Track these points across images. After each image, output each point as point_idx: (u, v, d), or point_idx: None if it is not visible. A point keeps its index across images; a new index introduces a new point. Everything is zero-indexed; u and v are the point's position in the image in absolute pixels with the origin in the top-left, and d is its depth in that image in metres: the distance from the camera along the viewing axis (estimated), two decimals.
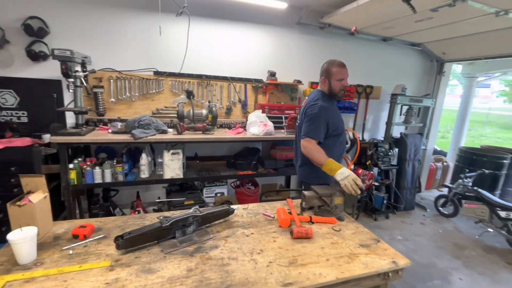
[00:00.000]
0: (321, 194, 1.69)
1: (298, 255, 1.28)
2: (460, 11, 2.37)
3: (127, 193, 3.05)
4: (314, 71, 3.52)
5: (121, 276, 1.09)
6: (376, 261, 1.27)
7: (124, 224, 1.50)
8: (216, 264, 1.19)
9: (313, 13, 3.21)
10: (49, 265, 1.13)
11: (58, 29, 2.51)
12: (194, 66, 2.97)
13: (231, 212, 1.60)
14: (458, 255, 2.68)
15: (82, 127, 2.35)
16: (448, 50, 3.82)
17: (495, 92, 18.43)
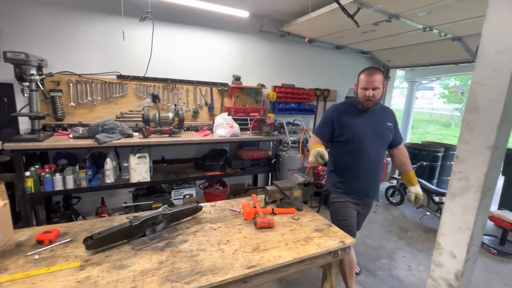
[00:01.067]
0: (282, 188, 1.88)
1: (261, 242, 1.44)
2: (397, 25, 2.76)
3: (90, 200, 2.95)
4: (276, 75, 3.77)
5: (92, 274, 1.14)
6: (327, 242, 1.48)
7: (92, 227, 1.53)
8: (186, 255, 1.29)
9: (273, 22, 3.44)
10: (14, 271, 1.14)
11: (10, 31, 2.38)
12: (159, 70, 3.00)
13: (199, 209, 1.71)
14: (402, 236, 3.08)
15: (39, 133, 2.25)
16: (391, 58, 4.34)
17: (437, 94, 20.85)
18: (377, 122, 1.81)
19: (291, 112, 3.85)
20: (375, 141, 1.80)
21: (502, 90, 0.76)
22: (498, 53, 0.77)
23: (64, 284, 1.07)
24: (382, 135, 1.81)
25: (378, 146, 1.82)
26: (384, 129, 1.82)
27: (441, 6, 2.19)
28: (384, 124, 1.82)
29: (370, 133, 1.79)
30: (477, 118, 0.83)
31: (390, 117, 1.86)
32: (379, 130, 1.80)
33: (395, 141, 1.89)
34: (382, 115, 1.84)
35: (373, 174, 1.85)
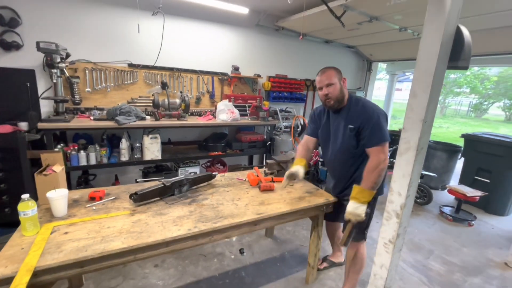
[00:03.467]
0: (279, 161, 2.30)
1: (265, 199, 1.86)
2: (377, 25, 3.18)
3: (104, 177, 3.27)
4: (271, 66, 4.14)
5: (141, 218, 1.52)
6: (316, 200, 1.92)
7: (128, 190, 1.89)
8: (209, 207, 1.70)
9: (270, 17, 3.77)
10: (82, 216, 1.50)
11: (31, 20, 2.59)
12: (167, 60, 3.29)
13: (213, 176, 2.11)
14: (377, 208, 3.61)
15: (64, 115, 2.53)
16: (374, 52, 4.78)
17: None
18: (337, 125, 1.73)
19: (283, 100, 4.24)
20: (333, 143, 1.77)
21: (428, 84, 1.19)
22: (428, 59, 1.19)
23: (123, 223, 1.45)
24: (342, 140, 1.70)
25: (335, 148, 1.75)
26: (340, 132, 1.70)
27: (411, 12, 2.61)
28: (344, 126, 1.68)
29: (329, 134, 1.79)
30: (415, 102, 1.26)
31: (354, 118, 1.63)
32: (338, 135, 1.72)
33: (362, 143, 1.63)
34: (345, 117, 1.68)
35: (336, 174, 1.86)
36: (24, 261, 1.09)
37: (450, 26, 1.15)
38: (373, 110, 1.61)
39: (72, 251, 1.18)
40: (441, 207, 3.58)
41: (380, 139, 1.58)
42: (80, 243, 1.24)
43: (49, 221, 1.43)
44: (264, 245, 2.57)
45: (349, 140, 1.67)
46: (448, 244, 2.85)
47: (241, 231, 1.63)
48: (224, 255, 2.38)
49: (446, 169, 4.32)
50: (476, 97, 18.00)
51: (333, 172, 1.94)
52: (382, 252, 1.47)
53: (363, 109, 1.63)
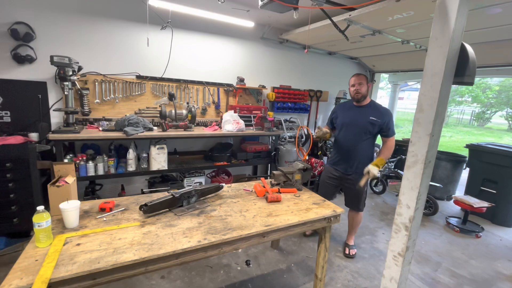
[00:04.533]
0: (285, 172, 2.32)
1: (272, 211, 1.87)
2: (380, 38, 3.25)
3: (111, 187, 3.30)
4: (275, 77, 4.22)
5: (151, 229, 1.54)
6: (323, 211, 1.93)
7: (137, 201, 1.91)
8: (217, 219, 1.71)
9: (274, 30, 3.87)
10: (93, 227, 1.52)
11: (45, 34, 2.68)
12: (174, 71, 3.36)
13: (220, 187, 2.13)
14: (383, 219, 3.60)
15: (74, 126, 2.59)
16: (376, 64, 4.86)
17: None
18: (361, 115, 2.39)
19: (288, 111, 4.29)
20: (354, 129, 2.41)
21: (435, 99, 1.22)
22: (433, 75, 1.23)
23: (133, 235, 1.47)
24: (361, 125, 2.37)
25: (356, 132, 2.40)
26: (365, 121, 2.36)
27: (414, 26, 2.68)
28: (366, 117, 2.36)
29: (351, 122, 2.43)
30: (422, 116, 1.29)
31: (377, 113, 2.35)
32: (360, 121, 2.38)
33: (383, 134, 2.38)
34: (368, 111, 2.38)
35: (349, 154, 2.46)
36: (39, 273, 1.11)
37: (454, 44, 1.19)
38: (390, 113, 2.41)
39: (85, 263, 1.20)
40: (447, 218, 3.56)
41: (393, 133, 2.37)
42: (92, 255, 1.26)
43: (61, 232, 1.45)
44: (270, 257, 2.56)
45: (367, 126, 2.36)
46: (455, 256, 2.82)
47: (249, 243, 1.64)
48: (231, 266, 2.37)
49: (451, 179, 4.30)
50: (479, 106, 18.02)
51: (348, 152, 2.48)
52: (391, 265, 1.47)
53: (385, 111, 2.39)
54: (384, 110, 2.39)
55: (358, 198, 2.56)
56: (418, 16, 2.41)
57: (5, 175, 2.31)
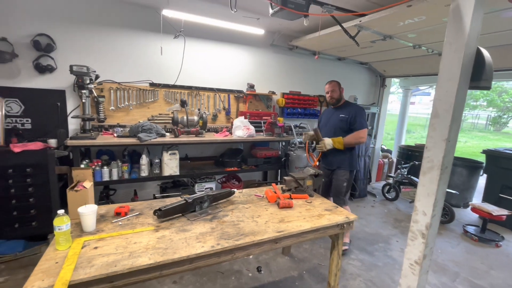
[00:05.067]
0: (297, 178, 2.31)
1: (284, 217, 1.87)
2: (391, 43, 3.23)
3: (124, 192, 3.36)
4: (285, 83, 4.24)
5: (165, 234, 1.56)
6: (335, 218, 1.91)
7: (150, 206, 1.95)
8: (230, 224, 1.72)
9: (284, 37, 3.91)
10: (109, 231, 1.56)
11: (65, 45, 2.81)
12: (186, 79, 3.44)
13: (232, 193, 2.14)
14: (396, 226, 3.51)
15: (91, 132, 2.67)
16: (387, 69, 4.81)
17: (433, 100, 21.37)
18: (334, 115, 2.73)
19: (297, 116, 4.30)
20: (329, 128, 2.73)
21: (451, 104, 1.21)
22: (448, 80, 1.22)
23: (148, 239, 1.49)
24: (334, 124, 2.69)
25: (330, 131, 2.70)
26: (336, 120, 2.67)
27: (425, 30, 2.66)
28: (337, 116, 2.67)
29: (327, 123, 2.78)
30: (437, 121, 1.27)
31: (346, 111, 2.65)
32: (332, 121, 2.72)
33: (352, 127, 2.61)
34: (340, 111, 2.70)
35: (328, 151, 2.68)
36: (59, 275, 1.14)
37: (470, 48, 1.18)
38: (359, 108, 2.67)
39: (102, 266, 1.22)
40: (464, 226, 3.44)
41: (360, 125, 2.58)
42: (109, 258, 1.29)
43: (79, 235, 1.49)
44: (282, 263, 2.54)
45: (339, 123, 2.66)
46: (474, 266, 2.72)
47: (262, 249, 1.64)
48: (242, 272, 2.37)
49: (467, 186, 4.17)
50: (494, 110, 17.48)
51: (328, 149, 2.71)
52: (408, 274, 1.44)
53: (353, 107, 2.68)
54: (352, 107, 2.68)
55: (338, 190, 2.74)
56: (430, 20, 2.39)
57: (26, 179, 2.40)
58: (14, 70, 2.68)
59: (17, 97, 2.72)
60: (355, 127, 2.59)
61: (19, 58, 2.65)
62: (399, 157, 5.10)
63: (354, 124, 2.59)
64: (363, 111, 2.66)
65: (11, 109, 2.71)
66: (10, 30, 2.59)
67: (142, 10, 3.09)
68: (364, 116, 2.63)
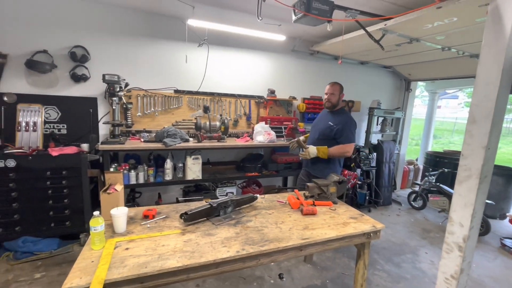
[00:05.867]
0: (320, 184, 2.28)
1: (308, 224, 1.84)
2: (417, 46, 3.12)
3: (149, 195, 3.48)
4: (306, 88, 4.22)
5: (192, 238, 1.59)
6: (361, 226, 1.85)
7: (176, 209, 2.00)
8: (254, 230, 1.72)
9: (305, 42, 3.91)
10: (138, 233, 1.61)
11: (97, 55, 3.00)
12: (208, 85, 3.53)
13: (255, 198, 2.15)
14: (425, 236, 3.34)
15: (119, 137, 2.81)
16: (412, 72, 4.65)
17: (461, 103, 20.29)
18: (324, 119, 2.59)
19: None
20: (315, 131, 2.63)
21: (490, 109, 1.15)
22: (487, 84, 1.16)
23: (175, 242, 1.53)
24: (321, 128, 2.56)
25: (316, 135, 2.59)
26: (324, 125, 2.54)
27: (456, 32, 2.54)
28: (327, 121, 2.54)
29: (315, 125, 2.67)
30: (475, 127, 1.21)
31: (336, 119, 2.50)
32: (320, 125, 2.59)
33: (338, 140, 2.47)
34: (331, 117, 2.54)
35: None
36: (95, 274, 1.20)
37: (511, 51, 1.11)
38: (349, 121, 2.49)
39: (134, 267, 1.27)
40: (502, 239, 3.19)
41: (347, 139, 2.45)
42: (140, 259, 1.33)
43: (111, 236, 1.56)
44: (304, 271, 2.49)
45: (325, 130, 2.52)
46: None
47: (287, 256, 1.62)
48: (263, 279, 2.35)
49: (504, 195, 3.89)
50: None
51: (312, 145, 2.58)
52: None
53: (344, 118, 2.51)
54: (344, 117, 2.51)
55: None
56: (461, 21, 2.29)
57: (61, 181, 2.56)
58: (53, 79, 2.89)
59: (55, 104, 2.92)
60: (341, 140, 2.45)
61: (58, 68, 2.86)
62: (426, 164, 4.86)
63: (341, 137, 2.45)
64: (353, 124, 2.50)
65: (49, 115, 2.92)
66: (50, 43, 2.80)
67: (169, 21, 3.23)
68: (353, 130, 2.48)
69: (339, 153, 2.44)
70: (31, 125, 2.78)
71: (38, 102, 2.76)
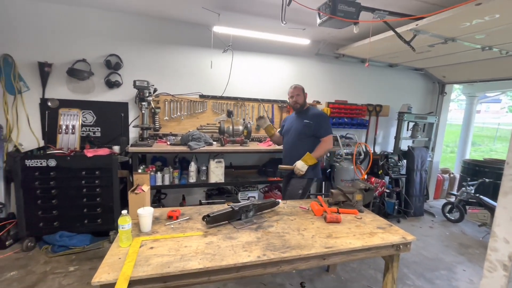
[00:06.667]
0: (345, 191, 2.19)
1: (332, 232, 1.77)
2: (453, 46, 2.92)
3: (173, 197, 3.59)
4: (330, 92, 4.13)
5: (213, 240, 1.60)
6: (390, 237, 1.75)
7: (199, 211, 2.03)
8: (275, 235, 1.69)
9: (330, 45, 3.84)
10: (162, 233, 1.66)
11: (129, 62, 3.19)
12: (232, 90, 3.59)
13: (277, 203, 2.12)
14: (462, 252, 3.06)
15: (147, 140, 2.94)
16: (447, 74, 4.35)
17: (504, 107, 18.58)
18: (298, 120, 2.60)
19: (344, 126, 4.12)
20: (293, 133, 2.61)
21: None
22: None
23: (197, 244, 1.55)
24: (298, 129, 2.56)
25: (294, 136, 2.59)
26: (301, 125, 2.54)
27: (498, 30, 2.34)
28: (302, 121, 2.55)
29: (291, 128, 2.65)
30: None
31: (310, 117, 2.52)
32: (296, 126, 2.59)
33: (317, 135, 2.50)
34: (304, 116, 2.57)
35: (291, 156, 2.58)
36: (122, 270, 1.25)
37: None
38: (323, 115, 2.59)
39: (157, 266, 1.30)
40: None
41: (326, 133, 2.50)
42: (163, 259, 1.37)
43: (137, 235, 1.62)
44: (327, 282, 2.40)
45: (303, 129, 2.53)
46: None
47: (309, 264, 1.57)
48: (285, 286, 2.30)
49: None
50: None
51: (289, 154, 2.66)
52: None
53: (318, 113, 2.58)
54: (317, 113, 2.57)
55: (291, 197, 2.56)
56: (505, 18, 2.10)
57: (95, 181, 2.73)
58: (90, 86, 3.11)
59: (91, 109, 3.14)
60: (320, 134, 2.50)
61: (94, 75, 3.08)
62: (464, 173, 4.49)
63: (319, 131, 2.49)
64: (327, 117, 2.64)
65: (86, 119, 3.14)
66: (89, 52, 3.03)
67: (195, 28, 3.35)
68: (328, 122, 2.56)
69: (324, 152, 2.54)
70: (70, 128, 3.01)
71: (76, 107, 2.99)
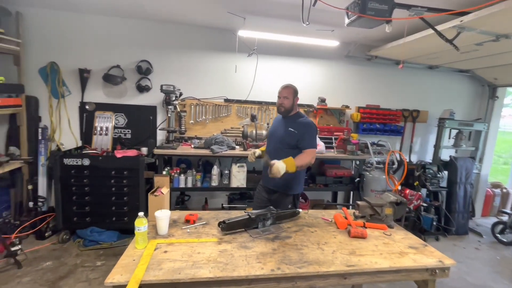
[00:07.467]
0: (373, 204, 2.01)
1: (356, 249, 1.62)
2: (506, 44, 2.57)
3: (196, 199, 3.64)
4: (361, 96, 3.91)
5: (227, 248, 1.55)
6: (423, 259, 1.54)
7: (216, 216, 1.99)
8: (292, 248, 1.59)
9: (361, 47, 3.63)
10: (178, 237, 1.64)
11: (159, 68, 3.33)
12: (256, 94, 3.57)
13: (297, 213, 2.01)
14: (500, 271, 2.64)
15: (173, 143, 3.02)
16: (500, 76, 3.86)
17: None
18: (282, 126, 2.30)
19: (375, 133, 3.85)
20: (274, 139, 2.33)
21: None
22: None
23: (211, 251, 1.50)
24: (280, 136, 2.27)
25: (275, 143, 2.31)
26: (283, 132, 2.25)
27: None
28: (286, 128, 2.24)
29: (273, 134, 2.37)
30: None
31: (296, 125, 2.22)
32: (279, 132, 2.30)
33: (300, 146, 2.20)
34: (289, 122, 2.26)
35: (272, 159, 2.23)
36: (134, 273, 1.25)
37: None
38: (311, 126, 2.24)
39: (169, 271, 1.28)
40: None
41: (310, 145, 2.19)
42: (175, 264, 1.34)
43: (154, 237, 1.63)
44: None
45: (285, 137, 2.24)
46: None
47: (327, 283, 1.44)
48: None
49: None
50: None
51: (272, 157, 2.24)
52: None
53: (305, 123, 2.25)
54: (304, 122, 2.25)
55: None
56: None
57: (123, 180, 2.86)
58: (123, 90, 3.30)
59: (123, 112, 3.32)
60: (303, 145, 2.19)
61: (127, 80, 3.26)
62: None
63: (303, 142, 2.19)
64: (314, 129, 2.27)
65: (118, 121, 3.33)
66: (122, 58, 3.22)
67: (220, 33, 3.39)
68: (315, 135, 2.26)
69: (306, 164, 2.13)
70: (104, 130, 3.20)
71: (110, 110, 3.18)
